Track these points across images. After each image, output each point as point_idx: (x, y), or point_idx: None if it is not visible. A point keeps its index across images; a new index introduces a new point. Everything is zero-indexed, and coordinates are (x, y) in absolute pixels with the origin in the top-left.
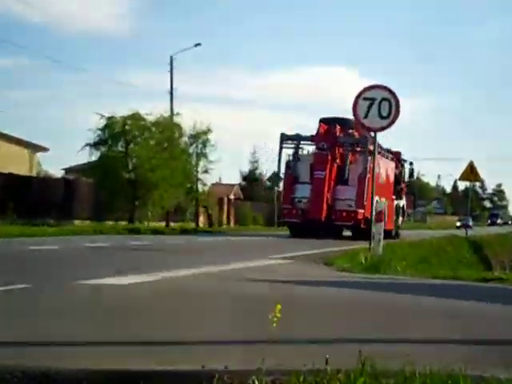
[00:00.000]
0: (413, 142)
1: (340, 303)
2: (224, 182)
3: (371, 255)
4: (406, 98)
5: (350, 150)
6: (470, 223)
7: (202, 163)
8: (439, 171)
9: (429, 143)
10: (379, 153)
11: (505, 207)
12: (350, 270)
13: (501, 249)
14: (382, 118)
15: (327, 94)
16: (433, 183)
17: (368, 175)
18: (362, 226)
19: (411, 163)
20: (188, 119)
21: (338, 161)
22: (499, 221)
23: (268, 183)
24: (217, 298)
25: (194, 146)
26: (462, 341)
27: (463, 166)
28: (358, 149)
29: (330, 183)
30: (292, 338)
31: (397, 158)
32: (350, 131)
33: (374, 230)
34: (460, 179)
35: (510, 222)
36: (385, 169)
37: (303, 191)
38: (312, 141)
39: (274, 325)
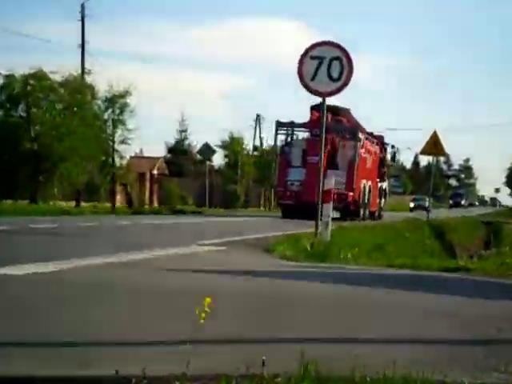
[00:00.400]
0: (364, 107)
1: (278, 297)
2: (146, 154)
3: (318, 241)
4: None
5: (341, 136)
6: (427, 204)
7: (119, 132)
8: (397, 143)
9: (384, 110)
10: (366, 138)
11: (472, 185)
12: (292, 258)
13: (467, 235)
14: (332, 80)
15: (268, 51)
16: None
17: (357, 160)
18: (351, 207)
19: (393, 146)
20: (103, 79)
21: (329, 147)
22: (463, 201)
23: (199, 156)
24: (132, 290)
25: (110, 111)
26: (422, 340)
27: (425, 138)
28: (348, 136)
29: (314, 168)
30: (223, 337)
31: (380, 141)
32: (340, 118)
33: (321, 211)
34: (421, 153)
35: (476, 203)
36: (370, 153)
37: (296, 175)
38: (305, 127)
39: (202, 321)
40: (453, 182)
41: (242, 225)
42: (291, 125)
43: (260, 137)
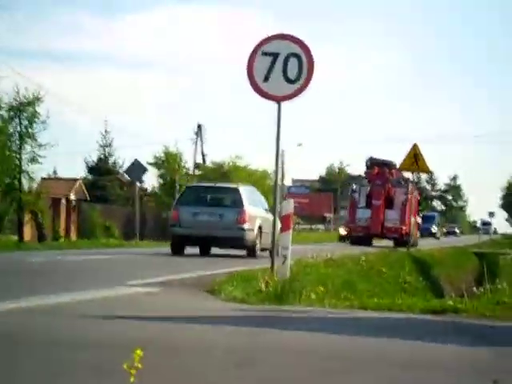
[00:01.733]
0: (334, 116)
1: (220, 348)
2: (61, 175)
3: (275, 279)
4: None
5: (397, 185)
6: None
7: (27, 148)
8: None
9: (357, 119)
10: (412, 185)
11: (461, 209)
12: (243, 301)
13: (456, 269)
14: (288, 81)
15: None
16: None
17: (407, 203)
18: (404, 238)
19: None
20: (8, 84)
21: (387, 192)
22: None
23: (126, 177)
24: (45, 342)
25: (16, 122)
26: None
27: (405, 151)
28: (400, 184)
29: (382, 208)
30: None
31: (416, 185)
32: (393, 171)
33: (278, 243)
34: (400, 169)
35: (457, 231)
36: (413, 196)
37: (363, 214)
38: (369, 180)
39: (132, 379)
40: (437, 204)
41: (181, 260)
42: (360, 178)
43: (202, 152)
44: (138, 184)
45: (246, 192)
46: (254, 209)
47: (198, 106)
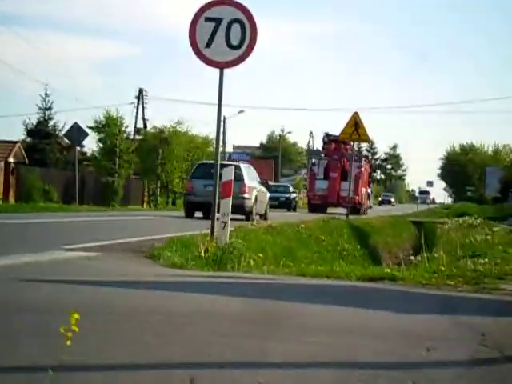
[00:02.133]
0: (274, 83)
1: (160, 313)
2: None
3: (214, 245)
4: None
5: (351, 160)
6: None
7: None
8: (312, 126)
9: (298, 86)
10: (365, 160)
11: (400, 178)
12: (182, 266)
13: (394, 237)
14: (231, 47)
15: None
16: (303, 143)
17: (361, 176)
18: (357, 206)
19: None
20: None
21: (343, 165)
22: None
23: (66, 140)
24: None
25: None
26: (338, 364)
27: (345, 120)
28: (356, 160)
29: (338, 180)
30: (93, 362)
31: (368, 159)
32: (348, 147)
33: (220, 209)
34: (341, 139)
35: (392, 200)
36: (366, 170)
37: (321, 184)
38: (326, 155)
39: (69, 342)
40: (377, 173)
41: (122, 225)
42: (318, 152)
43: (143, 117)
44: (77, 148)
45: (245, 169)
46: (252, 182)
47: (141, 71)
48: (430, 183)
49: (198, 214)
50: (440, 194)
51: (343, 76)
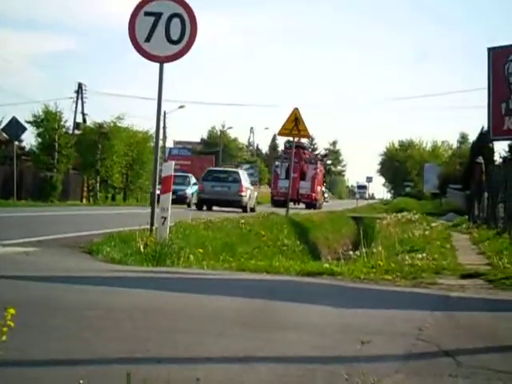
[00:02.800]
0: (214, 79)
1: (99, 308)
2: None
3: (154, 240)
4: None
5: (308, 162)
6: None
7: None
8: (252, 122)
9: (238, 82)
10: (321, 161)
11: (340, 174)
12: (120, 261)
13: (334, 233)
14: (171, 42)
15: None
16: (244, 139)
17: (316, 177)
18: (313, 202)
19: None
20: None
21: (301, 167)
22: None
23: (4, 135)
24: None
25: None
26: (271, 359)
27: (285, 116)
28: (313, 163)
29: (297, 180)
30: (30, 358)
31: (323, 162)
32: (306, 151)
33: (160, 205)
34: (280, 134)
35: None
36: (321, 171)
37: (283, 183)
38: (287, 158)
39: (4, 338)
40: None
41: (61, 220)
42: (283, 156)
43: (83, 112)
44: (15, 142)
45: (242, 174)
46: (246, 184)
47: (81, 66)
48: (369, 179)
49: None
50: (379, 190)
51: (284, 71)
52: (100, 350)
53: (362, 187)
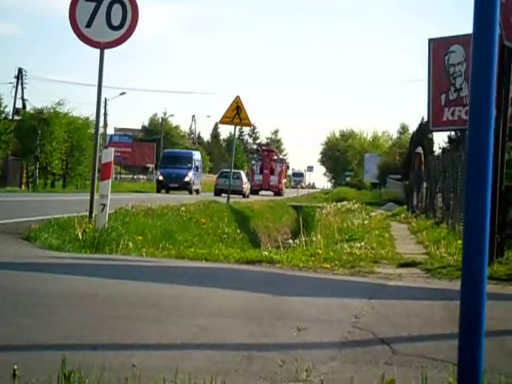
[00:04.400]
0: (155, 64)
1: (35, 294)
2: None
3: (93, 227)
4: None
5: (276, 161)
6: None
7: None
8: (194, 110)
9: (180, 69)
10: (284, 161)
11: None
12: (59, 248)
13: (274, 221)
14: (112, 28)
15: None
16: (185, 127)
17: (282, 172)
18: (279, 192)
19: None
20: None
21: (271, 165)
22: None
23: None
24: None
25: None
26: (208, 345)
27: (226, 104)
28: (279, 162)
29: (268, 175)
30: None
31: (285, 162)
32: (274, 153)
33: (99, 192)
34: (222, 122)
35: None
36: (285, 169)
37: (258, 177)
38: (261, 159)
39: None
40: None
41: None
42: (256, 156)
43: (22, 98)
44: None
45: (243, 173)
46: (244, 179)
47: (22, 51)
48: (310, 168)
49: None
50: (321, 179)
51: (225, 60)
52: (35, 336)
53: (298, 175)
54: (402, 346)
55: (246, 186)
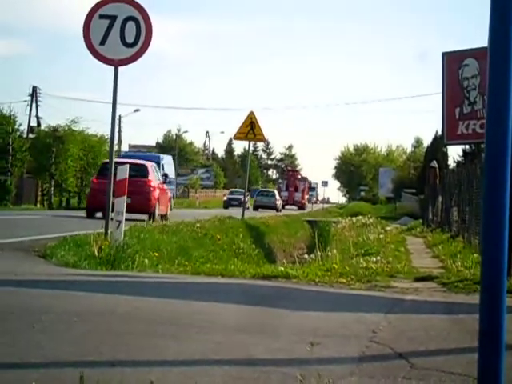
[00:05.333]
0: (168, 82)
1: (53, 312)
2: None
3: (108, 244)
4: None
5: (299, 180)
6: (244, 200)
7: None
8: (208, 126)
9: (194, 86)
10: (305, 179)
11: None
12: (75, 265)
13: (289, 236)
14: (126, 45)
15: (48, 10)
16: (199, 143)
17: (304, 189)
18: (303, 207)
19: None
20: None
21: (295, 184)
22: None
23: None
24: None
25: None
26: (226, 361)
27: (240, 120)
28: (302, 181)
29: (293, 192)
30: None
31: (308, 180)
32: (297, 173)
33: (114, 209)
34: (236, 138)
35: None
36: (307, 186)
37: (284, 194)
38: (286, 178)
39: None
40: (273, 173)
41: (15, 224)
42: (283, 175)
43: (37, 116)
44: None
45: (276, 192)
46: (278, 196)
47: (33, 70)
48: (324, 183)
49: None
50: (335, 194)
51: (238, 75)
52: (53, 353)
53: (310, 189)
54: (419, 361)
55: (279, 203)
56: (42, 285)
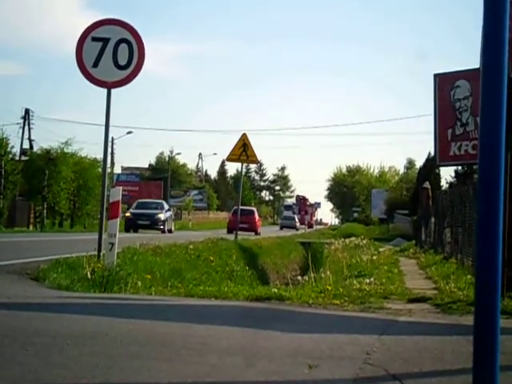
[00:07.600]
0: (160, 104)
1: (45, 335)
2: None
3: (101, 266)
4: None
5: (308, 206)
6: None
7: None
8: (201, 148)
9: (186, 108)
10: (312, 205)
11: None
12: (68, 288)
13: (283, 258)
14: (118, 67)
15: (39, 33)
16: (192, 165)
17: (312, 213)
18: (311, 226)
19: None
20: None
21: (305, 209)
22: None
23: None
24: None
25: None
26: (220, 383)
27: (233, 142)
28: (310, 207)
29: (304, 215)
30: None
31: (314, 205)
32: (306, 200)
33: (107, 231)
34: (229, 160)
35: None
36: (314, 210)
37: (297, 216)
38: (298, 204)
39: None
40: (265, 194)
41: (6, 247)
42: (296, 202)
43: (29, 138)
44: None
45: (296, 216)
46: (297, 219)
47: (28, 91)
48: (317, 204)
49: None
50: (328, 215)
51: (232, 97)
52: (45, 376)
53: (288, 207)
54: (413, 382)
55: (298, 224)
56: (35, 307)
